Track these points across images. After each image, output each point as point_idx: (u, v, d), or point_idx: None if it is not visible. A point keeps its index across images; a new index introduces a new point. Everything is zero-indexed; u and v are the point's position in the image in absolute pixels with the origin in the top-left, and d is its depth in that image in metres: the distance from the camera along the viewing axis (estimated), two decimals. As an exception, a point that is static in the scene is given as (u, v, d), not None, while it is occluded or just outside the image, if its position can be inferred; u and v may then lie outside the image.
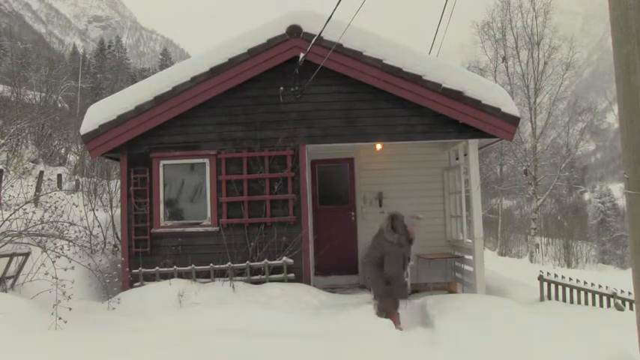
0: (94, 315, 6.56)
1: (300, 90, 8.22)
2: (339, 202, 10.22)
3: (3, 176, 9.97)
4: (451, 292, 9.45)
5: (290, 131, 8.31)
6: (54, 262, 6.41)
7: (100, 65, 61.00)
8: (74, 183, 14.61)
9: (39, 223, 7.51)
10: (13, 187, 10.15)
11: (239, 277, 7.80)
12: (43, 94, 22.81)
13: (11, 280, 6.97)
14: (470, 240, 8.63)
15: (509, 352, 5.01)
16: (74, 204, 9.19)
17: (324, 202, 10.18)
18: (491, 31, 31.71)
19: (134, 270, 7.98)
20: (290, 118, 8.32)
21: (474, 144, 8.42)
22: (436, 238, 9.80)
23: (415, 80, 7.99)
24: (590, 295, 9.19)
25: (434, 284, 9.40)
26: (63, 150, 20.55)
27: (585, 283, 9.36)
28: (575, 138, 33.06)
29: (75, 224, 7.93)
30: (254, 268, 7.91)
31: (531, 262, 28.02)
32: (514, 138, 10.13)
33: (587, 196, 58.75)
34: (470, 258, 8.57)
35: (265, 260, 7.92)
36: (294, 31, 8.08)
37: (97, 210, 10.46)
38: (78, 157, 19.69)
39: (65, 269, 6.47)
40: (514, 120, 8.11)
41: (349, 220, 10.13)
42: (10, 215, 7.47)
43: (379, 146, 9.67)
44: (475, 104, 7.99)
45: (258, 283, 7.78)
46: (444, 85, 7.97)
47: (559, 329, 5.73)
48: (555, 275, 9.41)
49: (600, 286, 9.39)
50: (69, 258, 6.66)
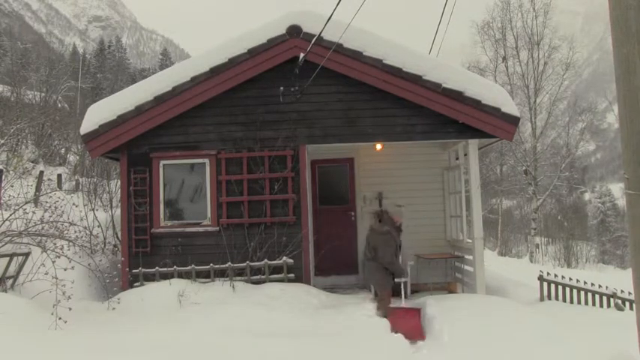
0: (94, 315, 6.55)
1: (300, 90, 8.22)
2: (339, 202, 10.21)
3: (3, 176, 9.97)
4: (451, 292, 9.45)
5: (290, 131, 8.31)
6: (54, 262, 6.41)
7: (100, 65, 61.00)
8: (74, 183, 14.61)
9: (39, 223, 7.51)
10: (13, 187, 10.15)
11: (239, 277, 7.80)
12: (43, 94, 22.83)
13: (11, 280, 6.98)
14: (470, 240, 8.62)
15: (509, 352, 5.02)
16: (74, 204, 9.19)
17: (324, 202, 10.18)
18: (491, 31, 31.78)
19: (134, 270, 7.98)
20: (290, 118, 8.32)
21: (473, 144, 8.42)
22: (436, 238, 9.80)
23: (415, 80, 7.99)
24: (590, 295, 9.19)
25: (434, 284, 9.40)
26: (63, 150, 20.54)
27: (585, 283, 9.36)
28: (575, 138, 33.07)
29: (75, 224, 7.93)
30: (254, 268, 7.91)
31: (531, 262, 28.04)
32: (514, 138, 10.12)
33: (587, 196, 58.75)
34: (470, 258, 8.57)
35: (265, 260, 7.92)
36: (294, 31, 8.07)
37: (97, 210, 10.46)
38: (78, 157, 19.69)
39: (65, 269, 6.47)
40: (514, 120, 8.10)
41: (349, 220, 10.13)
42: (10, 215, 7.47)
43: (379, 146, 9.66)
44: (475, 104, 7.99)
45: (258, 283, 7.78)
46: (444, 85, 7.97)
47: (559, 329, 5.73)
48: (555, 275, 9.42)
49: (600, 286, 9.40)
50: (69, 258, 6.66)
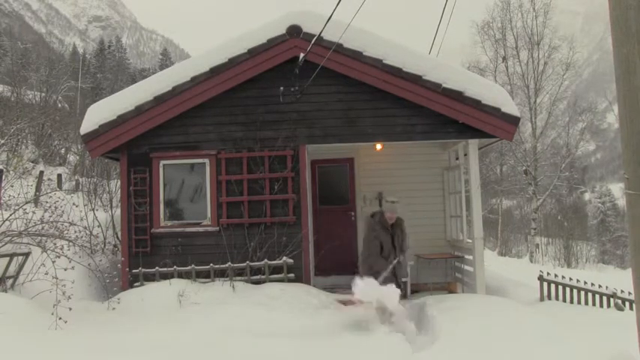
0: (94, 315, 6.55)
1: (300, 90, 8.21)
2: (339, 202, 10.21)
3: (3, 176, 9.97)
4: (451, 292, 9.45)
5: (290, 131, 8.31)
6: (54, 262, 6.41)
7: (100, 65, 61.03)
8: (74, 183, 14.61)
9: (39, 223, 7.51)
10: (13, 187, 10.15)
11: (239, 277, 7.79)
12: (43, 94, 22.83)
13: (11, 280, 6.98)
14: (470, 240, 8.62)
15: (509, 352, 5.01)
16: (74, 204, 9.19)
17: (324, 202, 10.18)
18: (491, 31, 31.79)
19: (134, 270, 7.98)
20: (290, 118, 8.31)
21: (473, 144, 8.42)
22: (436, 238, 9.80)
23: (415, 80, 7.99)
24: (590, 295, 9.18)
25: (434, 284, 9.40)
26: (63, 150, 20.53)
27: (585, 283, 9.36)
28: (575, 138, 33.07)
29: (75, 224, 7.93)
30: (254, 268, 7.91)
31: (531, 262, 28.04)
32: (514, 138, 10.12)
33: (587, 196, 58.75)
34: (470, 258, 8.57)
35: (265, 260, 7.92)
36: (294, 31, 8.07)
37: (97, 210, 10.46)
38: (78, 157, 19.69)
39: (65, 269, 6.47)
40: (514, 120, 8.10)
41: (349, 220, 10.13)
42: (10, 215, 7.47)
43: (379, 146, 9.67)
44: (475, 104, 7.98)
45: (258, 283, 7.77)
46: (444, 85, 7.97)
47: (559, 329, 5.73)
48: (555, 275, 9.41)
49: (600, 286, 9.39)
50: (69, 258, 6.66)
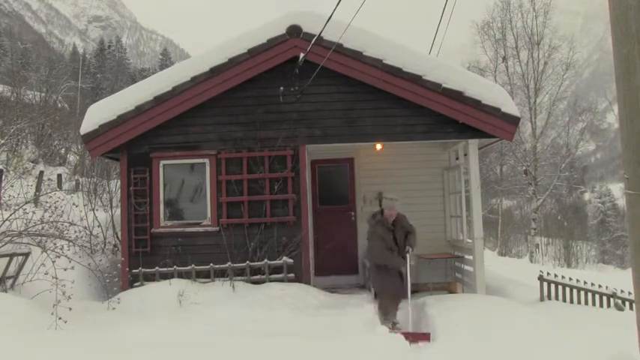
0: (94, 315, 6.56)
1: (300, 90, 8.21)
2: (339, 202, 10.21)
3: (3, 176, 9.97)
4: (451, 292, 9.44)
5: (290, 131, 8.31)
6: (54, 262, 6.41)
7: (100, 65, 60.99)
8: (74, 183, 14.60)
9: (39, 223, 7.51)
10: (13, 187, 10.14)
11: (239, 277, 7.80)
12: (43, 94, 22.78)
13: (11, 280, 6.98)
14: (470, 240, 8.62)
15: (509, 352, 5.01)
16: (74, 204, 9.20)
17: (324, 202, 10.18)
18: (491, 31, 31.78)
19: (134, 270, 7.98)
20: (290, 118, 8.32)
21: (473, 144, 8.42)
22: (436, 238, 9.79)
23: (415, 80, 7.99)
24: (590, 295, 9.18)
25: (434, 284, 9.39)
26: (63, 150, 20.52)
27: (585, 283, 9.36)
28: (575, 138, 33.06)
29: (75, 224, 7.93)
30: (254, 268, 7.91)
31: (531, 262, 28.03)
32: (514, 138, 10.12)
33: (587, 196, 58.75)
34: (470, 258, 8.57)
35: (265, 260, 7.92)
36: (294, 31, 8.07)
37: (97, 210, 10.46)
38: (78, 157, 19.68)
39: (65, 269, 6.48)
40: (514, 120, 8.10)
41: (349, 220, 10.13)
42: (10, 215, 7.47)
43: (379, 146, 9.66)
44: (475, 104, 7.99)
45: (258, 283, 7.78)
46: (444, 85, 7.97)
47: (559, 329, 5.73)
48: (555, 275, 9.41)
49: (600, 286, 9.39)
50: (69, 258, 6.66)
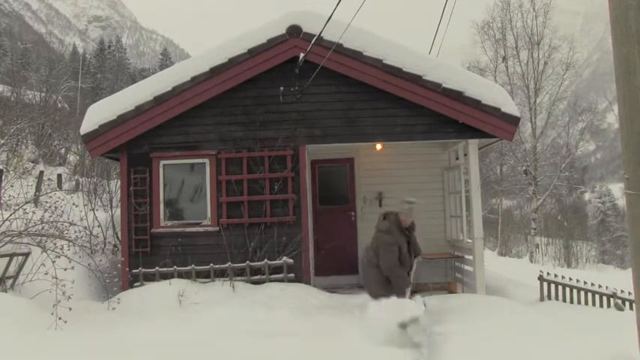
0: (94, 315, 6.55)
1: (300, 90, 8.21)
2: (339, 202, 10.20)
3: (3, 176, 9.97)
4: (451, 292, 9.44)
5: (290, 131, 8.31)
6: (54, 262, 6.41)
7: (100, 65, 61.02)
8: (74, 183, 14.60)
9: (39, 223, 7.51)
10: (13, 187, 10.14)
11: (239, 277, 7.80)
12: (43, 94, 22.79)
13: (11, 280, 6.98)
14: (470, 240, 8.62)
15: (509, 352, 5.01)
16: (74, 204, 9.20)
17: (324, 202, 10.17)
18: (491, 31, 31.81)
19: (134, 270, 7.98)
20: (290, 118, 8.31)
21: (473, 144, 8.42)
22: (436, 238, 9.79)
23: (415, 80, 7.99)
24: (590, 295, 9.19)
25: (434, 284, 9.39)
26: (63, 150, 20.52)
27: (585, 283, 9.36)
28: (575, 138, 33.09)
29: (75, 224, 7.93)
30: (254, 268, 7.91)
31: (531, 262, 28.05)
32: (514, 138, 10.12)
33: (587, 196, 58.76)
34: (470, 258, 8.57)
35: (265, 260, 7.92)
36: (294, 31, 8.07)
37: (97, 210, 10.46)
38: (78, 157, 19.68)
39: (65, 269, 6.47)
40: (514, 120, 8.10)
41: (349, 220, 10.13)
42: (10, 215, 7.47)
43: (379, 146, 9.66)
44: (475, 104, 7.99)
45: (258, 283, 7.78)
46: (443, 85, 7.97)
47: (559, 329, 5.73)
48: (555, 275, 9.42)
49: (600, 286, 9.40)
50: (69, 258, 6.66)
